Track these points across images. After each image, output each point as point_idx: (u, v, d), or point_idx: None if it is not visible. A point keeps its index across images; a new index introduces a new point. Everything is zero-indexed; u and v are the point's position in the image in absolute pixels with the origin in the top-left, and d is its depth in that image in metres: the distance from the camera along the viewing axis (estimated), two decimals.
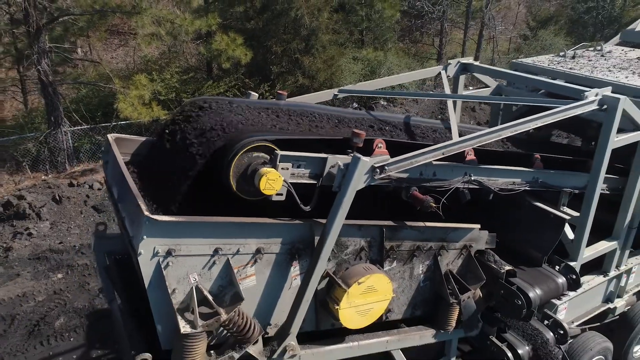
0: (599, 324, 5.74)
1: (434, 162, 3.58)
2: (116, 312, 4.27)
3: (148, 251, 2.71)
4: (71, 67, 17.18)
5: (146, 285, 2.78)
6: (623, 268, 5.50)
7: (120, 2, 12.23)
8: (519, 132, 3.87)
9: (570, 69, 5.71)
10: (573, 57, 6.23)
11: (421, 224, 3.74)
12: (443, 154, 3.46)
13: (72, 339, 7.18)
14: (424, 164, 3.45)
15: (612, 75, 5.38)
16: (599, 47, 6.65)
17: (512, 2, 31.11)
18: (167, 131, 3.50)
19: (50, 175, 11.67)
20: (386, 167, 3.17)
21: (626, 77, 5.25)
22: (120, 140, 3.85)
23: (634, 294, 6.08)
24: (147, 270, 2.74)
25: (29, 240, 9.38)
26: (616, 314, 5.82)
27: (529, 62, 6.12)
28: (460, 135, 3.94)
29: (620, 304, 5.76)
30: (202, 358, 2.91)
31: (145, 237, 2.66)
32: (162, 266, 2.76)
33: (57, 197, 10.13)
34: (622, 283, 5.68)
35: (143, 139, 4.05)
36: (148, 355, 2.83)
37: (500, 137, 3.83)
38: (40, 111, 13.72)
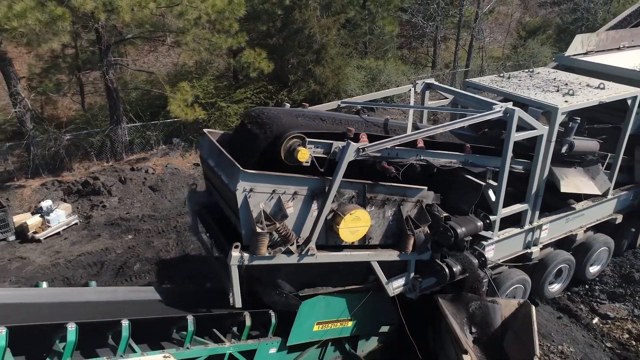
0: (521, 264, 8.11)
1: (396, 147, 5.97)
2: (201, 239, 6.76)
3: (241, 189, 5.13)
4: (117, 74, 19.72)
5: (238, 207, 5.20)
6: (535, 224, 7.84)
7: (164, 21, 14.67)
8: (448, 129, 6.26)
9: (502, 87, 8.06)
10: (509, 78, 8.57)
11: (389, 184, 6.13)
12: (400, 142, 5.85)
13: (147, 278, 9.66)
14: (389, 148, 5.84)
15: (527, 92, 7.72)
16: (530, 70, 8.99)
17: (510, 9, 33.21)
18: (244, 127, 5.94)
19: (110, 163, 14.18)
20: (365, 149, 5.57)
21: (535, 94, 7.59)
22: (210, 133, 6.30)
23: (549, 245, 8.42)
24: (240, 199, 5.16)
25: (103, 211, 11.89)
26: (533, 257, 8.14)
27: (476, 81, 8.47)
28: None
29: (535, 250, 8.09)
30: (265, 248, 5.33)
31: (240, 181, 5.08)
32: (247, 197, 5.18)
33: (122, 179, 12.64)
34: (536, 235, 8.02)
35: (221, 132, 6.50)
36: (238, 242, 5.26)
37: (437, 133, 6.22)
38: (98, 110, 16.23)
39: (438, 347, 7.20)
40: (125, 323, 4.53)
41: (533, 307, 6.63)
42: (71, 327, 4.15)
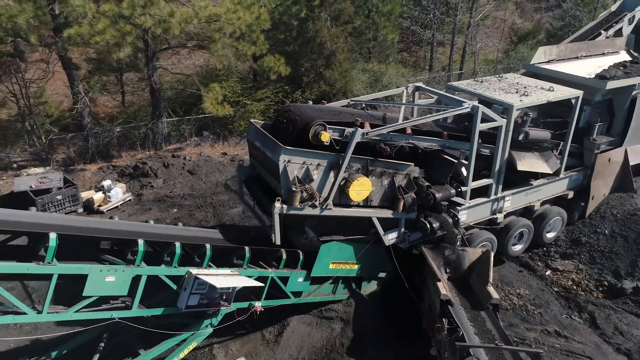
0: (489, 227, 10.22)
1: (391, 133, 8.11)
2: (246, 200, 8.92)
3: (282, 160, 7.27)
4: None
5: (280, 173, 7.34)
6: (499, 195, 9.94)
7: (198, 32, 16.79)
8: (427, 121, 8.40)
9: (475, 89, 10.15)
10: (482, 82, 10.66)
11: (385, 160, 8.25)
12: (393, 129, 7.99)
13: None
14: (386, 133, 7.98)
15: (493, 93, 9.80)
16: (500, 75, 11.08)
17: (506, 14, 35.15)
18: (281, 118, 8.09)
19: (151, 151, 16.37)
20: (368, 134, 7.71)
21: (499, 95, 9.68)
22: (255, 122, 8.46)
23: (513, 214, 10.51)
24: (281, 167, 7.29)
25: (151, 190, 14.08)
26: (499, 222, 10.25)
27: (456, 84, 10.57)
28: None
29: (500, 216, 10.20)
30: (297, 202, 7.46)
31: (282, 154, 7.23)
32: (286, 166, 7.32)
33: (166, 164, 14.83)
34: (501, 205, 10.13)
35: (262, 122, 8.66)
36: (279, 198, 7.40)
37: (420, 123, 8.35)
38: (140, 107, 18.43)
39: (422, 286, 9.31)
40: (208, 246, 6.71)
41: (492, 253, 8.73)
42: (178, 244, 6.33)
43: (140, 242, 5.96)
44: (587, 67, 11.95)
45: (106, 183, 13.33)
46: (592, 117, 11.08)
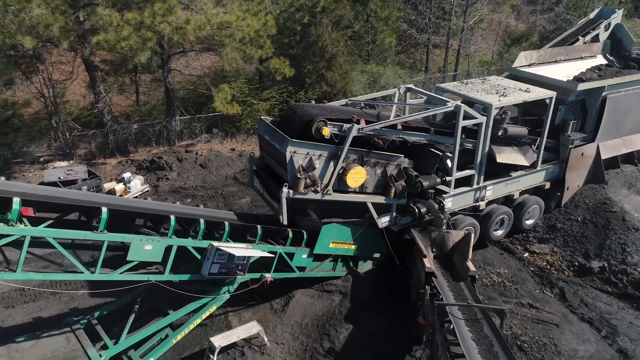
0: (472, 213, 11.34)
1: (383, 128, 9.23)
2: (256, 188, 10.06)
3: (289, 151, 8.38)
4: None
5: (287, 163, 8.47)
6: (481, 185, 11.05)
7: (208, 36, 17.91)
8: (415, 118, 9.51)
9: (460, 90, 11.25)
10: (467, 84, 11.76)
11: (378, 152, 9.37)
12: (385, 125, 9.10)
13: None
14: (379, 128, 9.10)
15: (476, 93, 10.90)
16: (484, 78, 12.19)
17: (502, 17, 36.20)
18: (287, 115, 9.21)
19: (165, 147, 17.51)
20: (363, 129, 8.83)
21: (480, 95, 10.79)
22: (265, 119, 9.59)
23: (495, 202, 11.62)
24: (287, 157, 8.42)
25: (167, 182, 15.22)
26: (481, 209, 11.36)
27: (444, 86, 11.68)
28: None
29: (482, 204, 11.30)
30: (302, 188, 8.59)
31: (289, 146, 8.36)
32: (292, 156, 8.44)
33: (179, 158, 15.97)
34: (483, 193, 11.24)
35: (270, 118, 9.79)
36: (286, 184, 8.52)
37: (409, 120, 9.47)
38: (153, 105, 19.59)
39: (411, 264, 10.43)
40: (227, 223, 7.85)
41: (472, 235, 9.84)
42: (202, 221, 7.47)
43: (172, 217, 7.10)
44: (565, 71, 13.06)
45: (126, 175, 14.48)
46: (567, 116, 12.17)
